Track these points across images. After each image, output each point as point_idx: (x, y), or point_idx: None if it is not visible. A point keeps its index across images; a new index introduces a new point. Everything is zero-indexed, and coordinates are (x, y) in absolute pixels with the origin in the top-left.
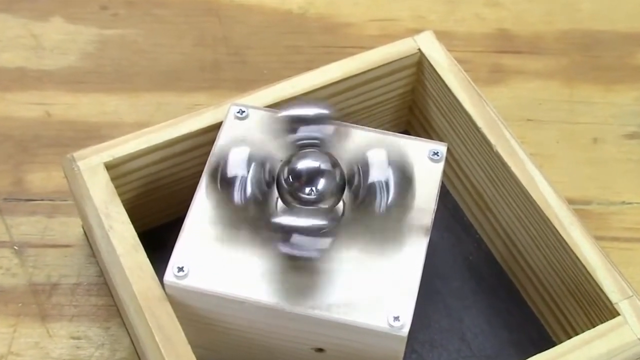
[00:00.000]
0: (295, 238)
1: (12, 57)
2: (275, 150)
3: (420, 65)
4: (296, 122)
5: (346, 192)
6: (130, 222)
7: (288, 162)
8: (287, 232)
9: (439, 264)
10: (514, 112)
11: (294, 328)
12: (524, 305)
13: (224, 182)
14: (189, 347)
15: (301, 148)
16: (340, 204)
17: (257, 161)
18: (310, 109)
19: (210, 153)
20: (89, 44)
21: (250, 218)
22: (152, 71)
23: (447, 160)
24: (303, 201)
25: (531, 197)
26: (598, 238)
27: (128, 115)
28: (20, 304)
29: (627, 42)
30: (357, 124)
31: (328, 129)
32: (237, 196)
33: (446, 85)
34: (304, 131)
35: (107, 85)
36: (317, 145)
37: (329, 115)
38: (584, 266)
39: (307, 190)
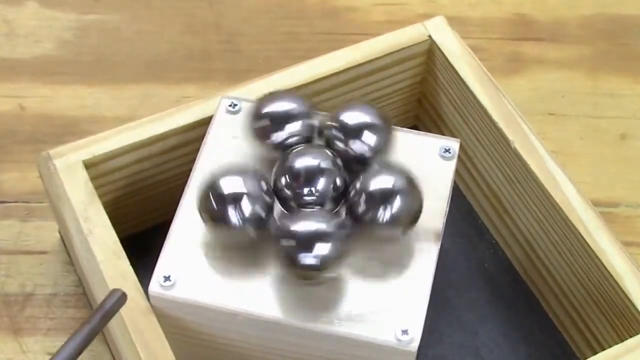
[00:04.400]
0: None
1: None
2: (263, 152)
3: (430, 53)
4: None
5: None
6: (111, 226)
7: (284, 162)
8: (289, 238)
9: (451, 272)
10: (533, 106)
11: (293, 343)
12: (545, 317)
13: (218, 206)
14: None
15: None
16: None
17: (253, 174)
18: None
19: (199, 151)
20: (66, 30)
21: (250, 239)
22: (136, 61)
23: (459, 157)
24: (302, 203)
25: (552, 198)
26: (626, 244)
27: (109, 109)
28: None
29: None
30: None
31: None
32: (234, 219)
33: (459, 76)
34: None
35: (87, 76)
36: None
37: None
38: (610, 274)
39: (306, 191)
